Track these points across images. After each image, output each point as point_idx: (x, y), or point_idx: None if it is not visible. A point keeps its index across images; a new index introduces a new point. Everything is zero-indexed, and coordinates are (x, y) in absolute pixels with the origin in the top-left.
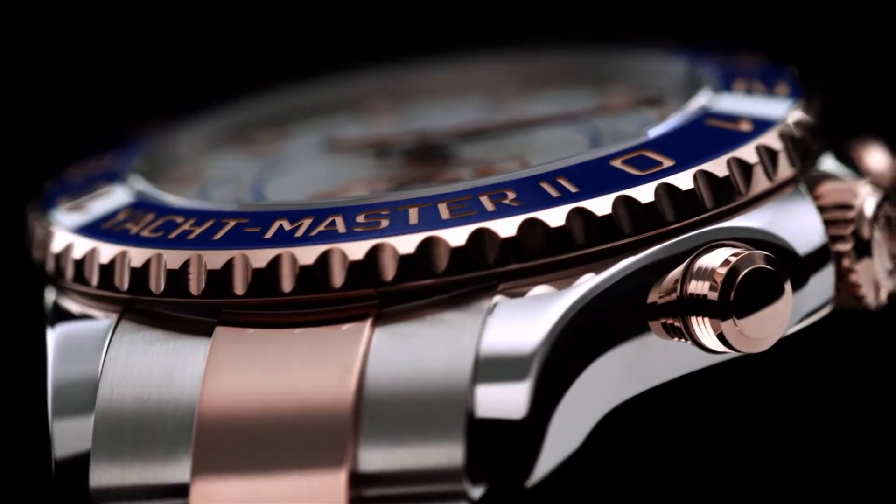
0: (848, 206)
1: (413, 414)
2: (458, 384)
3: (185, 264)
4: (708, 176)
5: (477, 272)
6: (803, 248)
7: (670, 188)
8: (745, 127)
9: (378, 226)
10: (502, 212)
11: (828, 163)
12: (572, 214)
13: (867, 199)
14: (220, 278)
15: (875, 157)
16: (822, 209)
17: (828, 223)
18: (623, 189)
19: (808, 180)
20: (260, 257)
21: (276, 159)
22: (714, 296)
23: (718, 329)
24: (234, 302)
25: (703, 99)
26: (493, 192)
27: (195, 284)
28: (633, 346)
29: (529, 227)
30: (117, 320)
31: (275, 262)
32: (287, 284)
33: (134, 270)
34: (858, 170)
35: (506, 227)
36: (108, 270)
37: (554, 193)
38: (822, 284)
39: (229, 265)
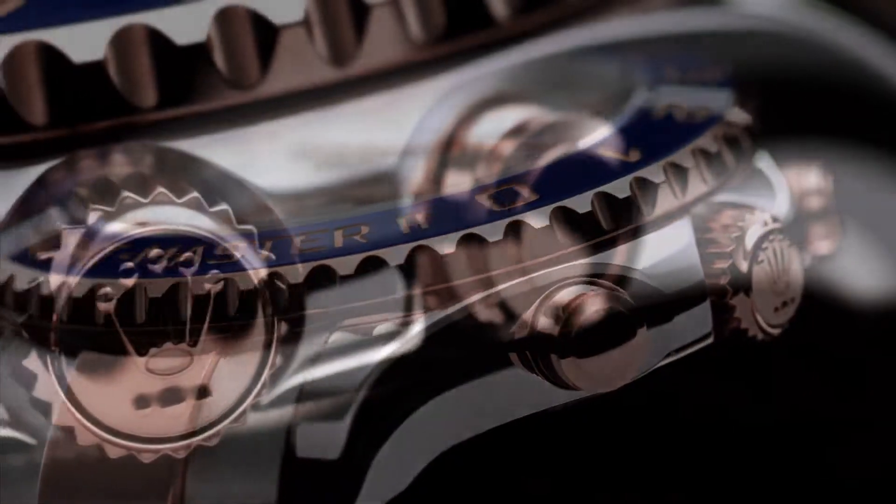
0: (729, 240)
1: (238, 452)
2: (279, 423)
3: (57, 290)
4: (567, 213)
5: (319, 309)
6: (672, 284)
7: (522, 226)
8: (633, 156)
9: (231, 259)
10: (347, 248)
11: (742, 185)
12: (414, 253)
13: (748, 232)
14: (82, 306)
15: (809, 178)
16: (708, 241)
17: (711, 256)
18: (473, 226)
19: (705, 208)
20: (117, 288)
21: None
22: (556, 332)
23: (559, 366)
24: (97, 330)
25: (609, 124)
26: (349, 226)
27: (65, 310)
28: (486, 382)
29: (368, 265)
30: (7, 342)
31: (130, 293)
32: (140, 315)
33: (16, 294)
34: (792, 190)
35: (346, 265)
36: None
37: (405, 230)
38: (695, 320)
39: (91, 293)
